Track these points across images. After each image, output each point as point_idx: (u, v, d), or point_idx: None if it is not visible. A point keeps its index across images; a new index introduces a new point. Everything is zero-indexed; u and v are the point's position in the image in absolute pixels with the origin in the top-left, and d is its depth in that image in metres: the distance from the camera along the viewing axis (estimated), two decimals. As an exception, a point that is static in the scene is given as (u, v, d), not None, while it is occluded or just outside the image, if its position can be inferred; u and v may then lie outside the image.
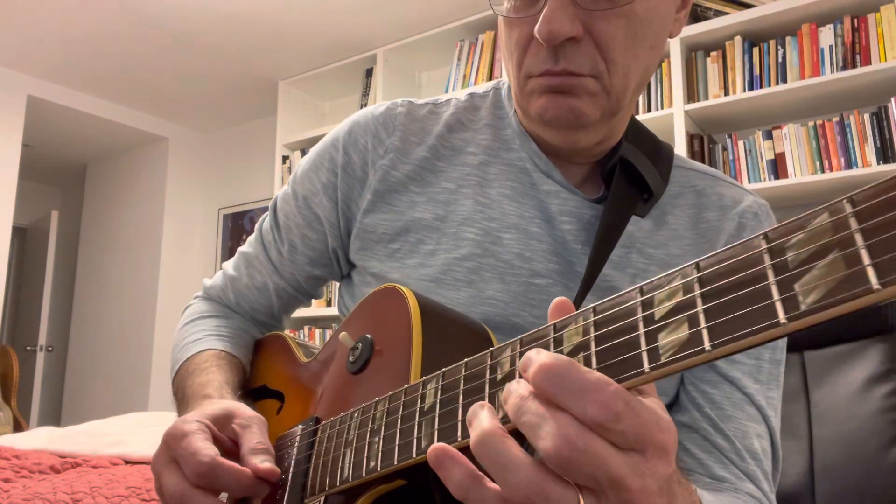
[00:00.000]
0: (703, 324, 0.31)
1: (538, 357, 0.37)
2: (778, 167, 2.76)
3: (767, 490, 0.69)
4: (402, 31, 3.76)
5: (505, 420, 0.39)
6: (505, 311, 0.71)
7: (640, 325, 0.35)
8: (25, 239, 5.84)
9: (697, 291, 0.32)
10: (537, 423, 0.36)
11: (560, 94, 0.67)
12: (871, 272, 0.25)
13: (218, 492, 0.57)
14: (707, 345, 0.31)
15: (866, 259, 0.25)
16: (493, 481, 0.38)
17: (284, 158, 4.15)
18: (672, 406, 0.74)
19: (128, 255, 5.07)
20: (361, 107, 3.71)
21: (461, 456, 0.39)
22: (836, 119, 2.67)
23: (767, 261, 0.29)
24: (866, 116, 2.61)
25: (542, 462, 0.36)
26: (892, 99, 2.56)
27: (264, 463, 0.57)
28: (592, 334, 0.38)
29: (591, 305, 0.39)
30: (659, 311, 0.34)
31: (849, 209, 0.26)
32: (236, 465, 0.56)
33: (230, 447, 0.61)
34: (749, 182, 2.80)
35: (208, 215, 5.16)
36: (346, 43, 3.91)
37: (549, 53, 0.65)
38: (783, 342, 0.75)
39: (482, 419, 0.39)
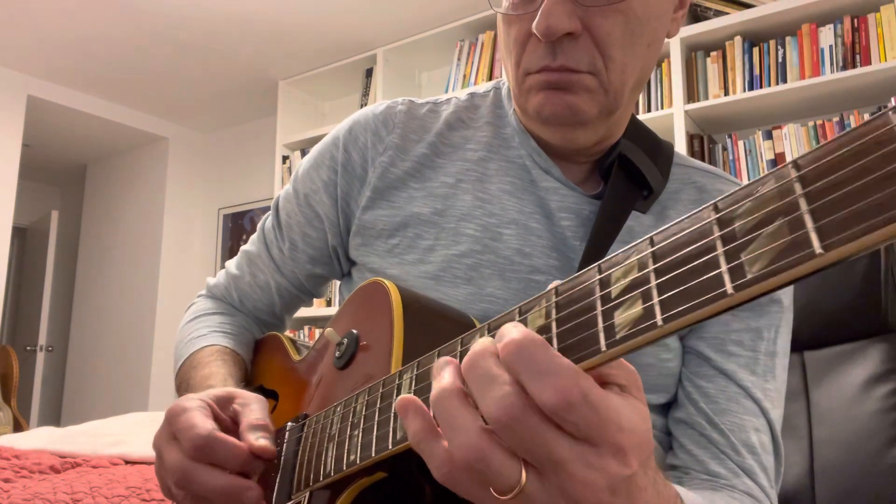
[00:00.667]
0: (655, 298, 0.31)
1: (513, 331, 0.37)
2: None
3: (766, 484, 0.68)
4: (402, 31, 3.76)
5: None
6: (504, 308, 0.71)
7: (598, 303, 0.34)
8: (25, 239, 5.85)
9: (651, 267, 0.32)
10: (486, 383, 0.36)
11: (558, 91, 0.67)
12: (813, 236, 0.24)
13: (217, 466, 0.56)
14: (659, 319, 0.30)
15: (809, 223, 0.24)
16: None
17: (284, 158, 4.15)
18: (671, 403, 0.73)
19: (128, 254, 5.08)
20: (361, 107, 3.71)
21: (424, 409, 0.40)
22: (836, 119, 2.67)
23: (716, 231, 0.29)
24: (866, 116, 2.59)
25: (492, 430, 0.36)
26: (893, 99, 2.55)
27: (259, 440, 0.57)
28: (554, 316, 0.38)
29: (554, 286, 0.39)
30: (616, 289, 0.34)
31: (793, 174, 0.25)
32: (233, 440, 0.56)
33: (230, 427, 0.61)
34: (748, 182, 2.79)
35: (208, 215, 5.16)
36: (346, 43, 3.91)
37: (547, 50, 0.66)
38: (776, 333, 0.73)
39: (444, 376, 0.40)
